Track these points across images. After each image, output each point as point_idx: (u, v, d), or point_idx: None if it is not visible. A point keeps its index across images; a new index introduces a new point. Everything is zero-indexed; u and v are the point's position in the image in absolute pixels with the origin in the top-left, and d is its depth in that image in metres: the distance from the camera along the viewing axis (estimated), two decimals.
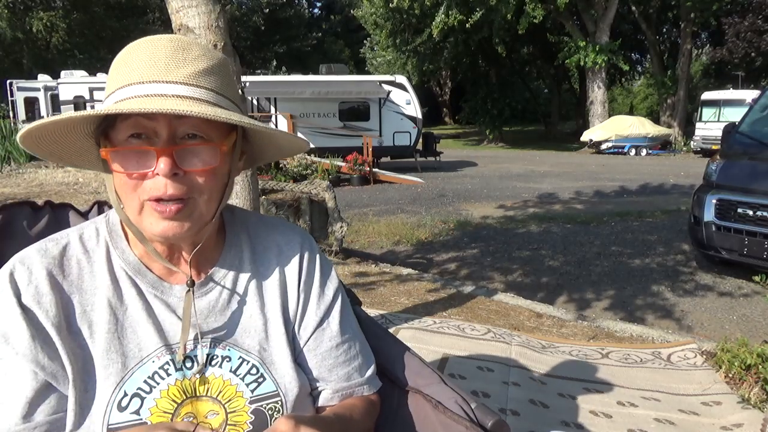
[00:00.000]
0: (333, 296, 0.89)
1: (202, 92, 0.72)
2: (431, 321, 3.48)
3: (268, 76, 21.59)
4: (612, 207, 8.97)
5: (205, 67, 0.73)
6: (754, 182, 4.67)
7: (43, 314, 0.71)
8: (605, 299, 4.55)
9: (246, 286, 0.84)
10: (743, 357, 2.71)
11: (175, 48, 0.72)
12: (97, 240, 0.80)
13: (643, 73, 37.25)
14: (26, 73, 23.09)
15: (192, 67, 0.72)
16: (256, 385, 0.80)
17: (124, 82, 0.71)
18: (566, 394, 2.55)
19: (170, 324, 0.78)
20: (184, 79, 0.71)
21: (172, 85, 0.70)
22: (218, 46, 2.34)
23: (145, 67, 0.71)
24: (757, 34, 21.69)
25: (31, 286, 0.72)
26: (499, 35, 23.20)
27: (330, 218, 5.46)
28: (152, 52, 0.71)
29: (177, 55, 0.72)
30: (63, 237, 0.79)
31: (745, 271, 4.83)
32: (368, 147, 13.55)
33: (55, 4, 27.60)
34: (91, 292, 0.76)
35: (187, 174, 0.72)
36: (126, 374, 0.75)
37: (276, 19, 36.46)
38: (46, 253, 0.75)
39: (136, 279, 0.78)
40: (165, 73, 0.70)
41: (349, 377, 0.88)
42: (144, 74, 0.70)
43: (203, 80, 0.73)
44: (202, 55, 0.74)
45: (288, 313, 0.85)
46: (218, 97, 0.74)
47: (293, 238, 0.90)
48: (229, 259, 0.84)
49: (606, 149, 21.88)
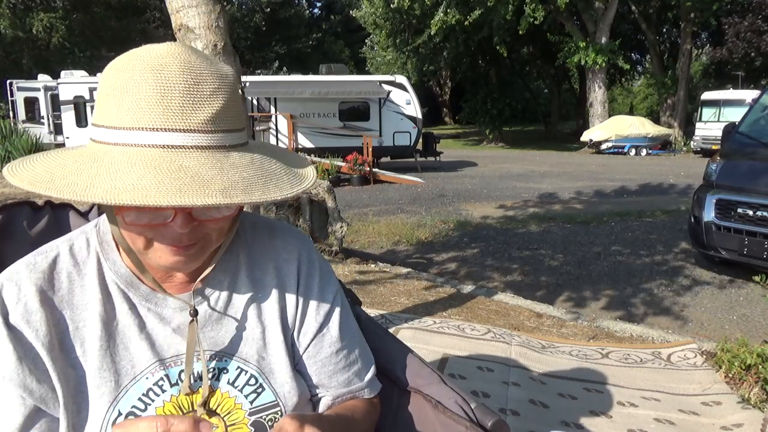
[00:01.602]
0: (333, 301, 0.87)
1: (220, 137, 0.66)
2: (431, 321, 3.48)
3: (268, 76, 21.58)
4: (612, 207, 8.97)
5: (221, 105, 0.66)
6: (754, 182, 4.67)
7: (33, 334, 0.69)
8: (605, 299, 4.55)
9: (242, 294, 0.81)
10: (743, 357, 2.71)
11: (189, 84, 0.65)
12: (88, 251, 0.77)
13: (643, 73, 37.24)
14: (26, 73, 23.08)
15: (209, 109, 0.65)
16: (255, 396, 0.79)
17: (131, 123, 0.63)
18: (566, 394, 2.55)
19: (164, 338, 0.76)
20: (201, 126, 0.65)
21: (189, 135, 0.64)
22: (218, 46, 2.34)
23: (157, 108, 0.63)
24: (757, 34, 21.69)
25: (20, 304, 0.70)
26: (499, 35, 23.20)
27: (330, 218, 5.46)
28: (163, 91, 0.63)
29: (191, 93, 0.65)
30: (52, 249, 0.76)
31: (745, 271, 4.82)
32: (368, 147, 13.55)
33: (55, 4, 27.59)
34: (82, 308, 0.73)
35: (202, 222, 0.70)
36: (120, 392, 0.73)
37: (276, 19, 36.45)
38: (35, 268, 0.73)
39: (128, 292, 0.76)
40: (181, 119, 0.64)
41: (348, 383, 0.87)
42: (155, 117, 0.63)
43: (221, 122, 0.66)
44: (217, 89, 0.66)
45: (287, 319, 0.83)
46: (235, 135, 0.69)
47: (290, 242, 0.87)
48: (225, 265, 0.81)
49: (606, 149, 21.88)
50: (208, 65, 0.67)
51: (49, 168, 0.65)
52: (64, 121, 15.76)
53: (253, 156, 0.69)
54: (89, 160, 0.64)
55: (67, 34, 27.15)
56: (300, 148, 14.66)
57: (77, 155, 0.67)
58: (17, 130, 9.70)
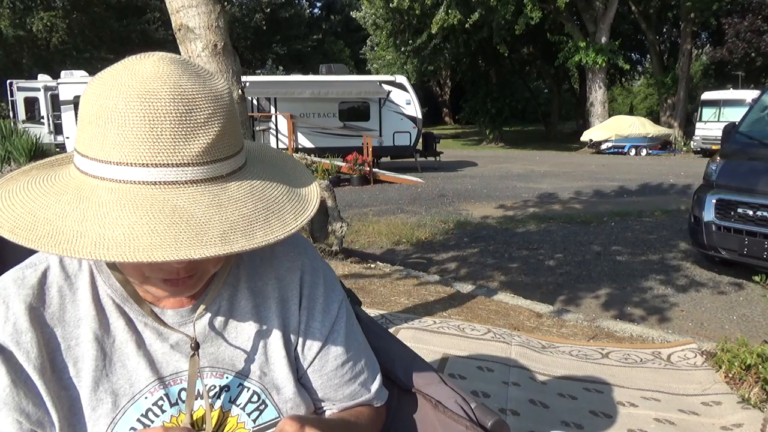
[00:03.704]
0: (338, 310, 0.83)
1: (216, 167, 0.62)
2: (431, 321, 3.48)
3: (268, 76, 21.55)
4: (612, 207, 8.97)
5: (216, 133, 0.61)
6: (754, 182, 4.67)
7: (24, 356, 0.65)
8: (605, 299, 4.55)
9: (242, 307, 0.77)
10: (743, 357, 2.71)
11: (180, 112, 0.59)
12: (80, 264, 0.72)
13: (643, 73, 37.26)
14: (26, 73, 23.09)
15: (203, 138, 0.60)
16: (257, 413, 0.76)
17: (118, 158, 0.58)
18: (566, 394, 2.55)
19: (162, 354, 0.72)
20: (195, 158, 0.60)
21: (182, 170, 0.59)
22: (218, 46, 2.34)
23: (146, 142, 0.58)
24: (757, 34, 21.69)
25: (9, 323, 0.66)
26: (500, 35, 23.20)
27: (330, 218, 5.46)
28: (152, 122, 0.58)
29: (183, 122, 0.59)
30: (42, 261, 0.71)
31: (745, 271, 4.82)
32: (368, 147, 13.55)
33: (55, 4, 27.61)
34: (74, 324, 0.69)
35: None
36: (117, 414, 0.69)
37: (276, 19, 36.45)
38: (23, 283, 0.68)
39: (124, 307, 0.72)
40: (172, 153, 0.59)
41: (354, 395, 0.85)
42: (144, 154, 0.58)
43: (217, 151, 0.62)
44: (212, 115, 0.61)
45: (289, 332, 0.79)
46: (232, 161, 0.64)
47: (292, 249, 0.83)
48: (223, 277, 0.77)
49: (606, 149, 21.89)
50: (200, 86, 0.62)
51: (31, 209, 0.60)
52: (64, 121, 15.74)
53: (252, 184, 0.65)
54: (74, 200, 0.60)
55: (67, 34, 27.19)
56: (300, 148, 14.67)
57: (61, 190, 0.62)
58: (17, 130, 9.70)
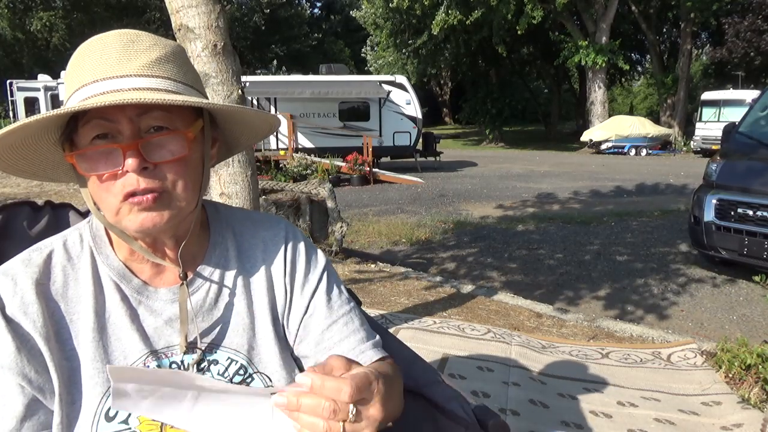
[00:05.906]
0: (318, 280, 0.86)
1: (159, 81, 0.71)
2: (431, 321, 3.48)
3: (268, 76, 21.57)
4: (612, 207, 8.97)
5: (158, 56, 0.72)
6: (754, 182, 4.67)
7: (30, 324, 0.70)
8: (605, 299, 4.55)
9: (233, 284, 0.83)
10: (743, 357, 2.71)
11: (125, 41, 0.71)
12: (81, 246, 0.78)
13: (643, 73, 37.25)
14: (26, 73, 23.10)
15: (145, 58, 0.71)
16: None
17: (78, 84, 0.70)
18: (566, 394, 2.55)
19: (155, 329, 0.77)
20: (137, 71, 0.70)
21: (126, 79, 0.69)
22: (218, 46, 2.34)
23: (97, 64, 0.69)
24: (757, 34, 21.69)
25: (17, 296, 0.71)
26: (500, 35, 23.20)
27: (330, 218, 5.46)
28: (102, 49, 0.70)
29: (128, 48, 0.71)
30: (47, 245, 0.78)
31: (745, 271, 4.83)
32: (368, 147, 13.54)
33: (55, 4, 27.62)
34: (75, 300, 0.75)
35: (157, 167, 0.70)
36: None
37: (276, 19, 36.42)
38: (30, 263, 0.74)
39: (121, 284, 0.77)
40: (117, 68, 0.69)
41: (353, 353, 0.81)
42: (96, 72, 0.69)
43: (158, 69, 0.71)
44: (154, 45, 0.73)
45: (276, 309, 0.84)
46: (176, 84, 0.73)
47: (278, 233, 0.88)
48: (215, 257, 0.83)
49: (606, 149, 21.89)
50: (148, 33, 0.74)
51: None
52: None
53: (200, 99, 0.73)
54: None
55: (67, 34, 27.18)
56: (300, 148, 14.66)
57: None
58: None
